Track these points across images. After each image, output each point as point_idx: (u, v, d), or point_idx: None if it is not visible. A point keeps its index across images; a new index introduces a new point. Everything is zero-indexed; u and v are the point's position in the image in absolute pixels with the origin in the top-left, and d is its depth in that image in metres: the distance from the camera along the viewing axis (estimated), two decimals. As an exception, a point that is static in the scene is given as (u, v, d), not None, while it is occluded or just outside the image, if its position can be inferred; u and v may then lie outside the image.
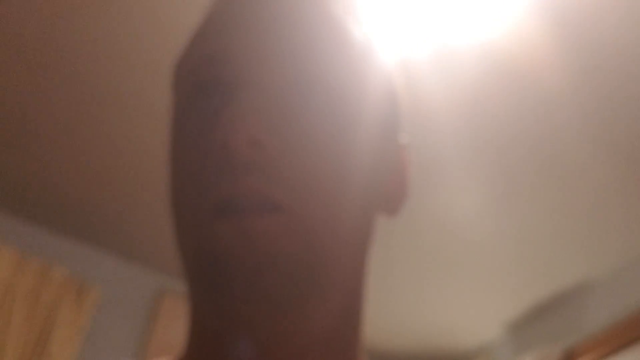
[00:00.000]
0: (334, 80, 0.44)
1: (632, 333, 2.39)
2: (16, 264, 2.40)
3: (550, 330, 2.77)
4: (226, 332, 0.42)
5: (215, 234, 0.39)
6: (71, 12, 1.85)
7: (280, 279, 0.39)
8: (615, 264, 2.57)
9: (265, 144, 0.39)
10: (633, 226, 2.36)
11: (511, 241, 2.50)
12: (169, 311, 2.59)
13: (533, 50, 1.79)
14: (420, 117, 2.02)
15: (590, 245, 2.49)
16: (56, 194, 2.51)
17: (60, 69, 2.02)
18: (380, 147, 0.49)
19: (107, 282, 2.69)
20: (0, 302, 2.33)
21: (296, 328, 0.42)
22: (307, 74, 0.43)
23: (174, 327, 2.46)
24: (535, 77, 1.87)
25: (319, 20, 0.47)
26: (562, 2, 1.66)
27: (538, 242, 2.49)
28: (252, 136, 0.39)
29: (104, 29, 1.89)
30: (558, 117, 1.98)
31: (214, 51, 0.44)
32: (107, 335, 2.61)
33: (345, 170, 0.43)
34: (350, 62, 0.46)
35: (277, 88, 0.43)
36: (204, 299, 0.42)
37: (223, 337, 0.43)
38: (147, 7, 1.82)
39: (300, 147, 0.41)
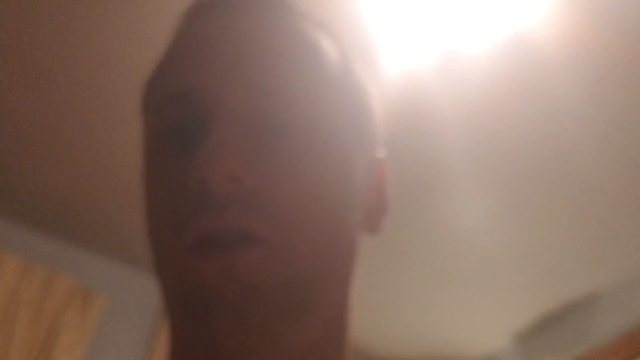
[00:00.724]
0: (308, 106, 0.44)
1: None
2: (21, 272, 2.41)
3: (558, 340, 2.77)
4: None
5: (197, 270, 0.39)
6: (67, 21, 1.87)
7: (265, 311, 0.39)
8: (623, 275, 2.56)
9: (243, 178, 0.39)
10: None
11: (520, 252, 2.50)
12: None
13: (542, 60, 1.79)
14: (427, 128, 2.02)
15: (598, 256, 2.48)
16: (61, 202, 2.53)
17: (62, 79, 2.04)
18: (357, 164, 0.49)
19: (112, 290, 2.70)
20: (5, 309, 2.33)
21: (280, 354, 0.42)
22: (281, 104, 0.43)
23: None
24: (543, 86, 1.87)
25: (289, 45, 0.46)
26: (572, 7, 1.66)
27: (547, 253, 2.49)
28: (230, 172, 0.39)
29: (100, 36, 1.90)
30: (567, 127, 1.98)
31: (185, 86, 0.44)
32: (112, 343, 2.62)
33: (324, 197, 0.43)
34: (323, 85, 0.46)
35: (251, 120, 0.42)
36: (187, 331, 0.42)
37: None
38: (144, 15, 1.83)
39: (277, 179, 0.41)
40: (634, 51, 1.74)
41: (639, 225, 2.30)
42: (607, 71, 1.80)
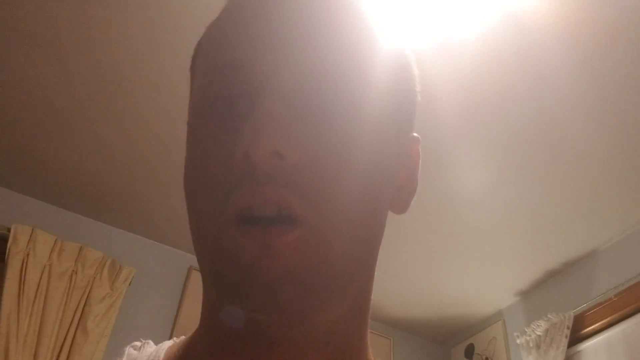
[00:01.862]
0: (353, 86, 0.44)
1: None
2: (54, 247, 2.50)
3: (560, 297, 2.81)
4: (239, 332, 0.44)
5: (237, 245, 0.40)
6: (91, 10, 1.92)
7: (296, 291, 0.40)
8: (621, 232, 2.61)
9: (285, 155, 0.40)
10: (637, 196, 2.40)
11: (522, 214, 2.55)
12: (197, 286, 2.66)
13: (534, 36, 1.83)
14: (429, 102, 2.07)
15: (596, 215, 2.53)
16: (90, 182, 2.59)
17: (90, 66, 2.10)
18: (393, 145, 0.49)
19: (139, 262, 2.77)
20: (40, 282, 2.42)
21: (306, 331, 0.44)
22: (327, 83, 0.43)
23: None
24: (536, 61, 1.91)
25: (340, 22, 0.46)
26: None
27: (547, 214, 2.54)
28: (273, 147, 0.39)
29: (123, 22, 1.94)
30: (561, 97, 2.02)
31: (237, 56, 0.44)
32: (140, 311, 2.71)
33: (361, 179, 0.43)
34: (369, 65, 0.46)
35: (297, 97, 0.42)
36: (219, 301, 0.44)
37: (235, 335, 0.45)
38: (162, 1, 1.88)
39: (318, 158, 0.41)
40: (621, 26, 1.78)
41: (632, 184, 2.35)
42: (596, 44, 1.85)
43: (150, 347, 0.54)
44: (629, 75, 1.94)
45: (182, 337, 0.53)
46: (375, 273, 0.50)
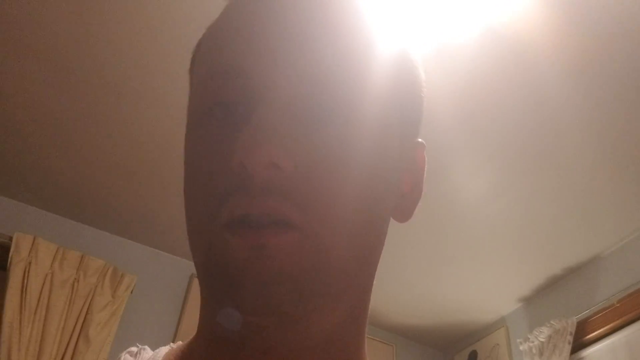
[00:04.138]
0: (354, 93, 0.43)
1: (642, 304, 2.42)
2: (55, 256, 2.50)
3: (563, 303, 2.80)
4: (234, 336, 0.43)
5: (229, 245, 0.39)
6: (89, 17, 1.92)
7: (290, 294, 0.39)
8: (623, 238, 2.60)
9: (282, 165, 0.39)
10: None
11: (523, 220, 2.55)
12: (199, 294, 2.65)
13: (533, 40, 1.83)
14: (427, 105, 2.07)
15: (597, 221, 2.52)
16: (91, 192, 2.60)
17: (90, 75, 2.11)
18: (396, 152, 0.47)
19: (140, 270, 2.78)
20: (41, 290, 2.42)
21: (301, 338, 0.43)
22: (326, 90, 0.42)
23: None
24: (536, 66, 1.91)
25: (342, 27, 0.45)
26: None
27: (548, 220, 2.53)
28: (270, 157, 0.38)
29: (122, 30, 1.95)
30: (561, 104, 2.02)
31: (235, 62, 0.43)
32: (142, 319, 2.71)
33: (361, 187, 0.43)
34: (372, 71, 0.45)
35: (295, 104, 0.42)
36: (214, 303, 0.43)
37: (231, 340, 0.44)
38: (161, 6, 1.88)
39: (316, 166, 0.41)
40: (616, 35, 1.79)
41: (634, 190, 2.34)
42: (592, 52, 1.85)
43: (147, 352, 0.54)
44: (627, 84, 1.94)
45: (179, 343, 0.53)
46: (378, 280, 0.50)
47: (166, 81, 2.10)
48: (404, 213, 0.51)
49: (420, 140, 0.53)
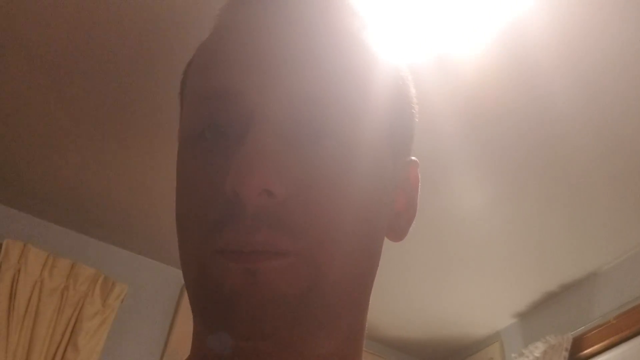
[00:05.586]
0: (346, 113, 0.42)
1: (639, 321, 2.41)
2: (45, 263, 2.48)
3: (559, 319, 2.79)
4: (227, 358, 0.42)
5: (222, 270, 0.39)
6: (92, 26, 1.91)
7: (284, 318, 0.39)
8: (620, 254, 2.59)
9: (275, 193, 0.38)
10: (638, 218, 2.39)
11: (519, 235, 2.53)
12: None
13: (536, 52, 1.82)
14: (426, 117, 2.06)
15: (595, 237, 2.51)
16: (82, 199, 2.58)
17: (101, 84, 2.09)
18: (389, 172, 0.47)
19: (131, 279, 2.75)
20: (30, 298, 2.40)
21: (297, 359, 0.42)
22: (319, 111, 0.42)
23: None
24: (538, 77, 1.90)
25: (333, 47, 0.44)
26: (561, 5, 1.69)
27: (545, 235, 2.52)
28: (263, 184, 0.38)
29: (124, 41, 1.94)
30: (560, 116, 2.01)
31: (226, 85, 0.42)
32: (132, 329, 2.69)
33: (354, 209, 0.42)
34: (364, 91, 0.44)
35: (288, 126, 0.41)
36: (206, 327, 0.42)
37: None
38: (161, 20, 1.87)
39: (310, 190, 0.40)
40: (621, 43, 1.78)
41: (632, 206, 2.33)
42: (596, 62, 1.84)
43: None
44: (632, 95, 1.93)
45: None
46: (372, 293, 0.49)
47: (166, 90, 2.09)
48: (398, 232, 0.51)
49: (413, 158, 0.53)
